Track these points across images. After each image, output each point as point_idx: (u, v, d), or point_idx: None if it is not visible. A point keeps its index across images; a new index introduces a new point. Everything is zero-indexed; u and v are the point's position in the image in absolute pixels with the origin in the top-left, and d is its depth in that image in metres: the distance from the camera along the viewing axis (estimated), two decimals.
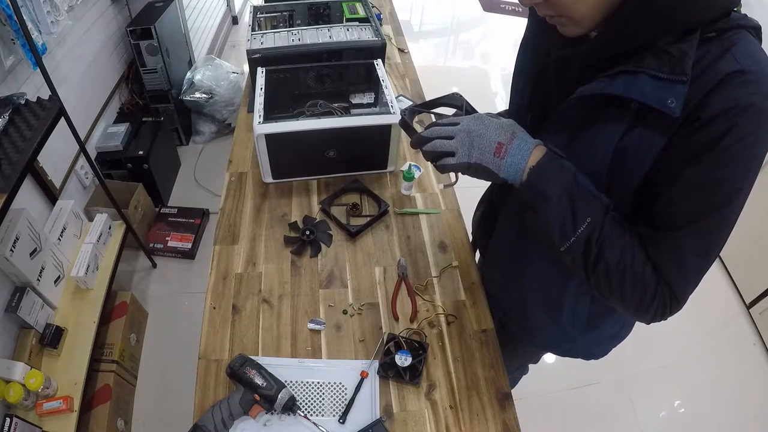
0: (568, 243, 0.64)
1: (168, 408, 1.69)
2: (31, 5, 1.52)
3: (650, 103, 0.54)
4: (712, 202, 0.57)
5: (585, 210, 0.62)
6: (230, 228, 1.13)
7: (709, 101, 0.52)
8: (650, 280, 0.62)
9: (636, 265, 0.62)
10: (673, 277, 0.61)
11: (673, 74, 0.53)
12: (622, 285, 0.63)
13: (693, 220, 0.58)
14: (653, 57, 0.55)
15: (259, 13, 1.57)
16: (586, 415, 1.79)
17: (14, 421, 1.22)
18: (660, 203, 0.60)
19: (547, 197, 0.64)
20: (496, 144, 0.65)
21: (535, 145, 0.65)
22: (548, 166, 0.63)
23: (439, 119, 0.73)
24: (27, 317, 1.39)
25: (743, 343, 2.04)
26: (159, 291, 2.10)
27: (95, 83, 2.12)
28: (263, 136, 1.06)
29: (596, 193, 0.64)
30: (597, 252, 0.62)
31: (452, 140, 0.66)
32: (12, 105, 1.31)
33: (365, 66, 1.31)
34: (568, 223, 0.63)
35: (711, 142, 0.54)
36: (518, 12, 4.62)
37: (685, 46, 0.54)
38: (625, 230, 0.63)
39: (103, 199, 1.83)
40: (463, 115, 0.74)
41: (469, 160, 0.66)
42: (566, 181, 0.63)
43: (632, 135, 0.58)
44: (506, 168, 0.65)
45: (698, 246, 0.60)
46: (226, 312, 0.96)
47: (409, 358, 0.85)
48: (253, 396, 0.78)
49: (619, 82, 0.56)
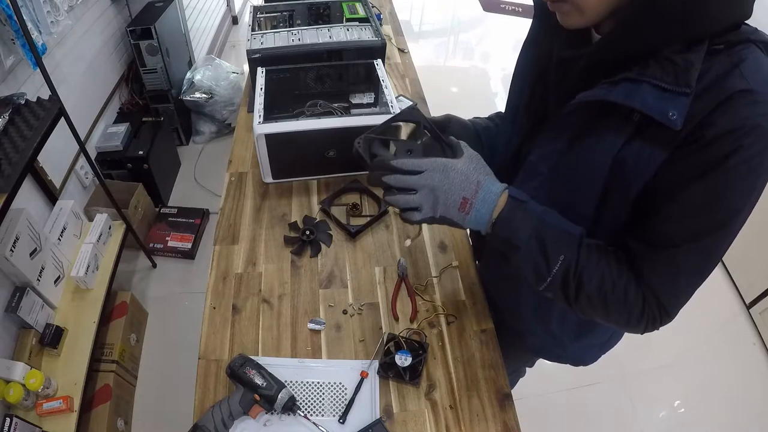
0: (545, 283, 0.64)
1: (168, 408, 1.69)
2: (31, 5, 1.52)
3: (651, 113, 0.53)
4: (712, 221, 0.56)
5: (556, 249, 0.62)
6: (230, 228, 1.13)
7: (714, 119, 0.51)
8: (635, 301, 0.61)
9: (618, 290, 0.61)
10: (666, 294, 0.61)
11: (676, 85, 0.52)
12: (606, 310, 0.63)
13: (691, 238, 0.57)
14: (657, 66, 0.53)
15: (259, 13, 1.57)
16: (586, 415, 1.79)
17: (14, 421, 1.22)
18: (658, 219, 0.58)
19: (515, 245, 0.64)
20: (461, 199, 0.63)
21: (499, 194, 0.64)
22: (512, 215, 0.63)
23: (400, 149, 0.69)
24: (27, 317, 1.39)
25: (743, 343, 2.04)
26: (159, 291, 2.10)
27: (95, 83, 2.12)
28: (263, 136, 1.06)
29: (566, 227, 0.64)
30: (576, 286, 0.62)
31: (416, 195, 0.64)
32: (12, 105, 1.31)
33: (365, 66, 1.31)
34: (541, 265, 0.63)
35: (715, 161, 0.52)
36: (518, 12, 4.62)
37: (691, 57, 0.52)
38: (602, 255, 0.63)
39: (103, 199, 1.83)
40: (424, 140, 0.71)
41: (434, 215, 0.65)
42: (533, 226, 0.63)
43: (632, 146, 0.57)
44: (471, 221, 0.65)
45: (694, 264, 0.59)
46: (226, 312, 0.96)
47: (409, 358, 0.85)
48: (253, 396, 0.78)
49: (620, 90, 0.55)
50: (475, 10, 4.67)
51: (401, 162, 0.64)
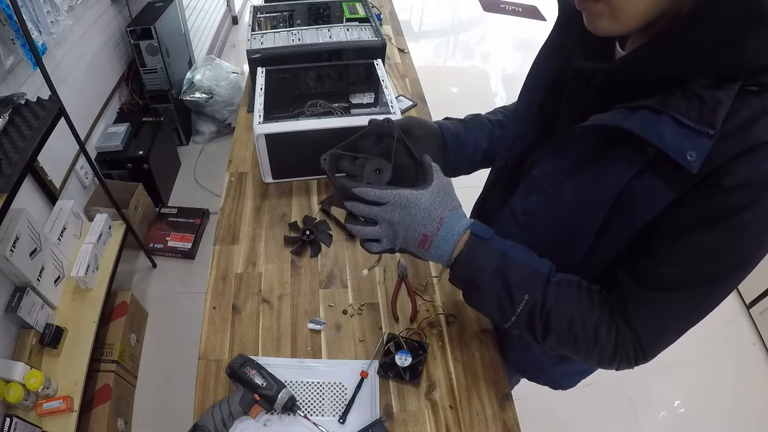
0: (510, 322, 0.62)
1: (168, 408, 1.69)
2: (31, 5, 1.52)
3: (668, 151, 0.48)
4: (713, 272, 0.53)
5: (521, 288, 0.60)
6: (230, 228, 1.13)
7: (735, 167, 0.47)
8: (606, 340, 0.58)
9: (588, 330, 0.58)
10: (648, 336, 0.58)
11: (700, 124, 0.47)
12: (576, 349, 0.61)
13: (686, 287, 0.54)
14: (682, 98, 0.48)
15: (259, 13, 1.57)
16: (586, 415, 1.79)
17: (14, 421, 1.22)
18: (654, 259, 0.55)
19: (477, 285, 0.61)
20: (421, 236, 0.60)
21: (461, 233, 0.61)
22: (472, 254, 0.61)
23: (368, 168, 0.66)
24: (27, 317, 1.39)
25: (743, 343, 2.04)
26: (159, 291, 2.10)
27: (95, 83, 2.12)
28: (263, 136, 1.06)
29: (533, 264, 0.61)
30: (543, 325, 0.60)
31: (376, 227, 0.61)
32: (12, 105, 1.31)
33: (365, 66, 1.31)
34: (505, 305, 0.61)
35: (728, 212, 0.48)
36: (518, 12, 4.63)
37: (721, 95, 0.47)
38: (572, 292, 0.60)
39: (103, 199, 1.83)
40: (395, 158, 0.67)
41: (393, 247, 0.63)
42: (496, 265, 0.60)
43: (642, 180, 0.52)
44: (431, 257, 0.63)
45: (684, 313, 0.56)
46: (226, 312, 0.96)
47: (409, 358, 0.85)
48: (253, 396, 0.78)
49: (638, 118, 0.50)
50: (475, 10, 4.67)
51: (363, 191, 0.60)
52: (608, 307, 0.59)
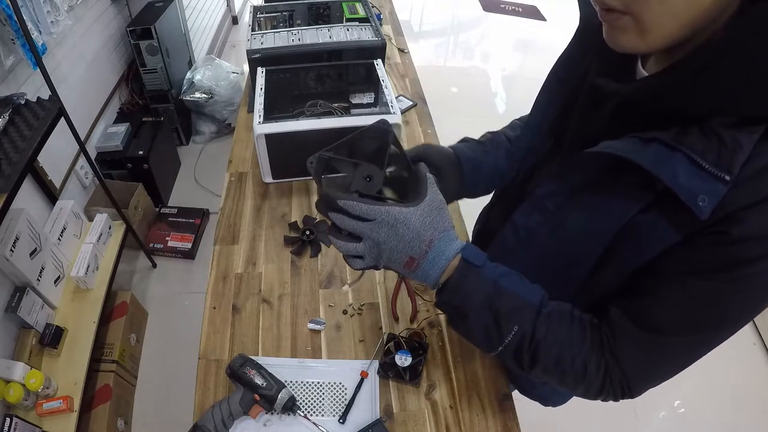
0: (496, 352, 0.60)
1: (168, 408, 1.69)
2: (31, 5, 1.52)
3: (679, 193, 0.45)
4: (711, 321, 0.51)
5: (511, 319, 0.57)
6: (230, 228, 1.13)
7: (747, 217, 0.44)
8: (594, 375, 0.56)
9: (577, 364, 0.56)
10: (637, 376, 0.56)
11: (717, 167, 0.43)
12: (562, 382, 0.59)
13: (680, 332, 0.52)
14: (701, 136, 0.45)
15: (259, 13, 1.57)
16: (586, 415, 1.79)
17: (14, 421, 1.22)
18: (650, 299, 0.52)
19: (464, 314, 0.58)
20: (407, 258, 0.56)
21: (451, 258, 0.57)
22: (461, 282, 0.57)
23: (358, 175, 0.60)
24: (27, 317, 1.39)
25: (743, 343, 2.04)
26: (159, 291, 2.10)
27: (95, 83, 2.12)
28: (263, 136, 1.06)
29: (524, 294, 0.58)
30: (530, 357, 0.58)
31: (360, 244, 0.56)
32: (12, 105, 1.31)
33: (365, 66, 1.31)
34: (493, 335, 0.58)
35: (735, 263, 0.46)
36: (518, 12, 4.63)
37: (742, 138, 0.43)
38: (562, 324, 0.58)
39: (103, 199, 1.83)
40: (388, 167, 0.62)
41: (377, 265, 0.59)
42: (485, 294, 0.57)
43: (648, 216, 0.50)
44: (418, 278, 0.59)
45: (675, 356, 0.54)
46: (226, 312, 0.96)
47: (409, 358, 0.85)
48: (253, 396, 0.78)
49: (650, 153, 0.46)
50: (475, 10, 4.67)
51: (349, 205, 0.55)
52: (599, 341, 0.57)
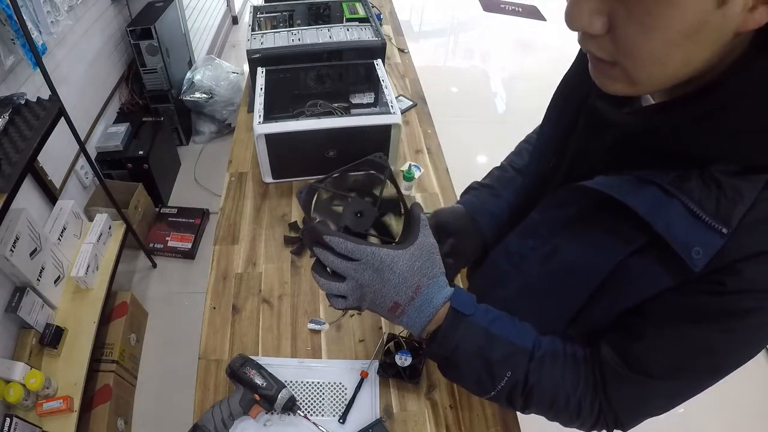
0: (488, 396, 0.58)
1: (168, 408, 1.69)
2: (31, 5, 1.52)
3: (672, 243, 0.43)
4: (703, 368, 0.50)
5: (504, 366, 0.55)
6: (230, 228, 1.13)
7: (743, 269, 0.42)
8: (588, 414, 0.56)
9: (571, 405, 0.56)
10: (628, 415, 0.56)
11: (714, 218, 0.41)
12: (557, 418, 0.59)
13: (670, 376, 0.51)
14: (700, 182, 0.43)
15: (259, 13, 1.57)
16: None
17: (14, 421, 1.22)
18: (640, 342, 0.51)
19: (454, 363, 0.56)
20: (392, 303, 0.53)
21: (438, 307, 0.54)
22: (452, 332, 0.54)
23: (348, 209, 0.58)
24: (27, 317, 1.39)
25: None
26: (159, 291, 2.10)
27: (95, 83, 2.12)
28: (263, 136, 1.06)
29: (517, 339, 0.56)
30: (523, 401, 0.57)
31: (343, 283, 0.53)
32: (12, 105, 1.31)
33: (365, 66, 1.31)
34: (485, 382, 0.57)
35: (729, 313, 0.45)
36: (518, 12, 4.63)
37: (744, 187, 0.41)
38: (556, 366, 0.56)
39: (103, 199, 1.83)
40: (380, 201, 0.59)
41: (360, 306, 0.55)
42: (477, 344, 0.55)
43: (641, 259, 0.48)
44: (403, 325, 0.56)
45: (665, 397, 0.53)
46: (226, 312, 0.96)
47: (409, 358, 0.85)
48: (253, 396, 0.78)
49: (646, 197, 0.45)
50: (475, 10, 4.67)
51: (335, 242, 0.52)
52: (592, 380, 0.56)
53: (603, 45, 0.41)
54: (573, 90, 0.61)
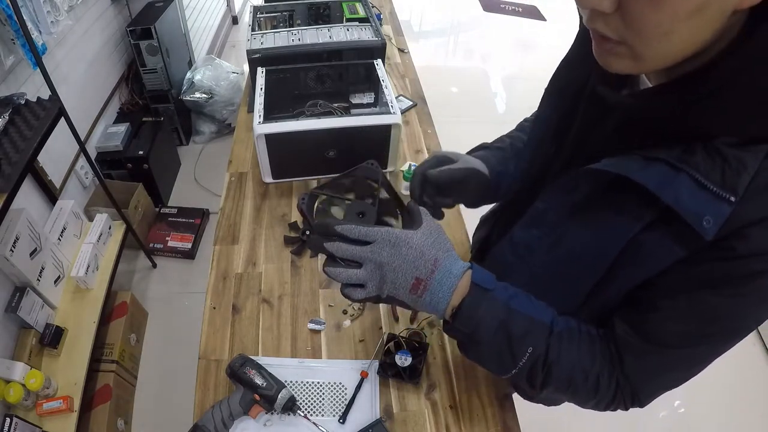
0: (510, 374, 0.58)
1: (168, 408, 1.69)
2: (31, 5, 1.52)
3: (683, 214, 0.45)
4: (717, 332, 0.51)
5: (525, 341, 0.56)
6: (230, 228, 1.13)
7: (751, 234, 0.44)
8: (606, 390, 0.57)
9: (590, 380, 0.56)
10: (645, 388, 0.57)
11: (721, 188, 0.43)
12: (574, 397, 0.60)
13: (689, 344, 0.52)
14: (705, 156, 0.44)
15: (259, 13, 1.57)
16: (586, 415, 1.78)
17: (14, 421, 1.22)
18: (656, 314, 0.52)
19: (477, 340, 0.56)
20: (413, 280, 0.53)
21: (460, 277, 0.54)
22: (475, 307, 0.55)
23: (350, 211, 0.60)
24: (27, 317, 1.39)
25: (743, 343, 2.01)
26: (159, 291, 2.10)
27: (95, 83, 2.12)
28: (263, 136, 1.06)
29: (536, 314, 0.57)
30: (543, 377, 0.57)
31: (360, 270, 0.53)
32: (12, 105, 1.31)
33: (365, 66, 1.31)
34: (507, 359, 0.57)
35: (740, 277, 0.46)
36: (518, 12, 4.63)
37: (747, 158, 0.43)
38: (573, 342, 0.57)
39: (103, 199, 1.83)
40: (377, 202, 0.62)
41: (380, 294, 0.55)
42: (499, 319, 0.55)
43: (652, 233, 0.49)
44: (425, 305, 0.55)
45: (683, 367, 0.55)
46: (226, 312, 0.96)
47: (409, 358, 0.85)
48: (253, 396, 0.78)
49: (654, 173, 0.46)
50: (475, 10, 4.67)
51: (347, 229, 0.53)
52: (608, 356, 0.57)
53: (611, 22, 0.42)
54: (570, 78, 0.62)
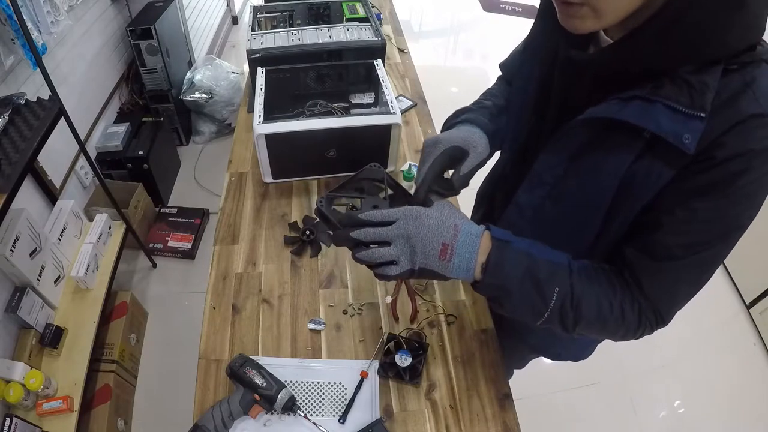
0: (543, 319, 0.62)
1: (168, 408, 1.69)
2: (31, 5, 1.52)
3: (666, 137, 0.52)
4: (715, 235, 0.57)
5: (551, 283, 0.60)
6: (230, 228, 1.13)
7: (725, 141, 0.51)
8: (631, 316, 0.61)
9: (615, 310, 0.60)
10: (664, 304, 0.61)
11: (691, 108, 0.51)
12: (604, 329, 0.63)
13: (692, 252, 0.57)
14: (672, 86, 0.52)
15: (259, 13, 1.57)
16: (586, 415, 1.79)
17: (14, 421, 1.22)
18: (658, 232, 0.58)
19: (508, 290, 0.60)
20: (441, 246, 0.59)
21: (480, 235, 0.60)
22: (501, 259, 0.59)
23: (365, 205, 0.65)
24: (27, 317, 1.39)
25: (743, 343, 2.04)
26: (159, 291, 2.10)
27: (95, 83, 2.12)
28: (263, 136, 1.06)
29: (554, 258, 0.62)
30: (574, 315, 0.61)
31: (390, 247, 0.59)
32: (12, 105, 1.31)
33: (365, 66, 1.31)
34: (538, 304, 0.61)
35: (723, 181, 0.53)
36: (518, 12, 4.63)
37: (707, 79, 0.51)
38: (592, 277, 0.62)
39: (103, 199, 1.83)
40: (388, 197, 0.67)
41: (413, 267, 0.60)
42: (524, 266, 0.60)
43: (642, 163, 0.56)
44: (454, 269, 0.60)
45: (693, 276, 0.60)
46: (226, 312, 0.96)
47: (409, 358, 0.85)
48: (253, 396, 0.78)
49: (633, 109, 0.53)
50: (475, 10, 4.67)
51: (370, 214, 0.59)
52: (625, 283, 0.61)
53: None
54: (537, 53, 0.69)
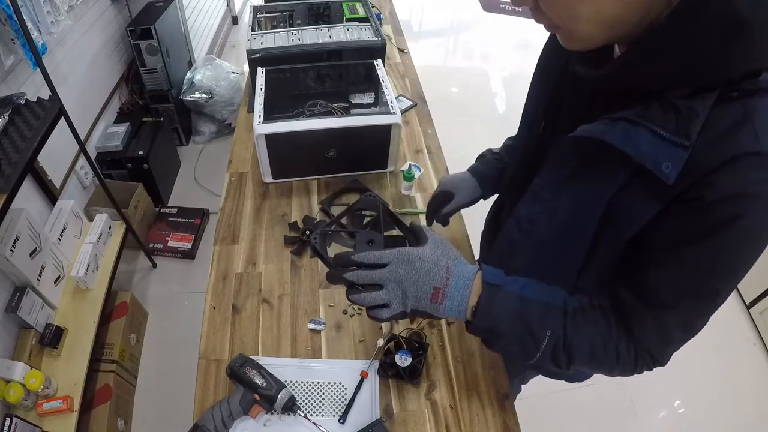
0: (534, 359, 0.61)
1: (168, 408, 1.69)
2: (31, 5, 1.52)
3: (643, 162, 0.49)
4: (706, 286, 0.54)
5: (543, 325, 0.59)
6: (230, 228, 1.13)
7: (716, 180, 0.47)
8: (626, 357, 0.59)
9: (609, 351, 0.59)
10: (658, 350, 0.60)
11: (676, 135, 0.47)
12: (599, 369, 0.63)
13: (682, 301, 0.55)
14: (660, 109, 0.49)
15: (259, 13, 1.57)
16: (586, 415, 1.79)
17: (14, 421, 1.22)
18: (649, 276, 0.55)
19: (499, 332, 0.61)
20: (432, 290, 0.59)
21: (472, 278, 0.60)
22: (491, 302, 0.59)
23: (360, 240, 0.65)
24: (27, 317, 1.39)
25: (743, 343, 2.04)
26: (159, 291, 2.10)
27: (95, 83, 2.12)
28: (263, 136, 1.06)
29: (548, 298, 0.61)
30: (567, 356, 0.60)
31: (382, 291, 0.58)
32: (12, 105, 1.31)
33: (365, 66, 1.31)
34: (529, 345, 0.60)
35: (713, 227, 0.49)
36: (518, 12, 4.62)
37: (696, 106, 0.47)
38: (588, 318, 0.60)
39: (103, 199, 1.83)
40: (382, 229, 0.67)
41: (405, 310, 0.60)
42: (514, 308, 0.59)
43: (628, 191, 0.54)
44: (446, 311, 0.60)
45: (684, 323, 0.58)
46: (226, 312, 0.96)
47: (409, 358, 0.85)
48: (253, 396, 0.78)
49: (618, 131, 0.51)
50: (475, 10, 4.67)
51: (363, 256, 0.59)
52: (622, 324, 0.60)
53: (539, 14, 0.52)
54: (551, 62, 0.69)
